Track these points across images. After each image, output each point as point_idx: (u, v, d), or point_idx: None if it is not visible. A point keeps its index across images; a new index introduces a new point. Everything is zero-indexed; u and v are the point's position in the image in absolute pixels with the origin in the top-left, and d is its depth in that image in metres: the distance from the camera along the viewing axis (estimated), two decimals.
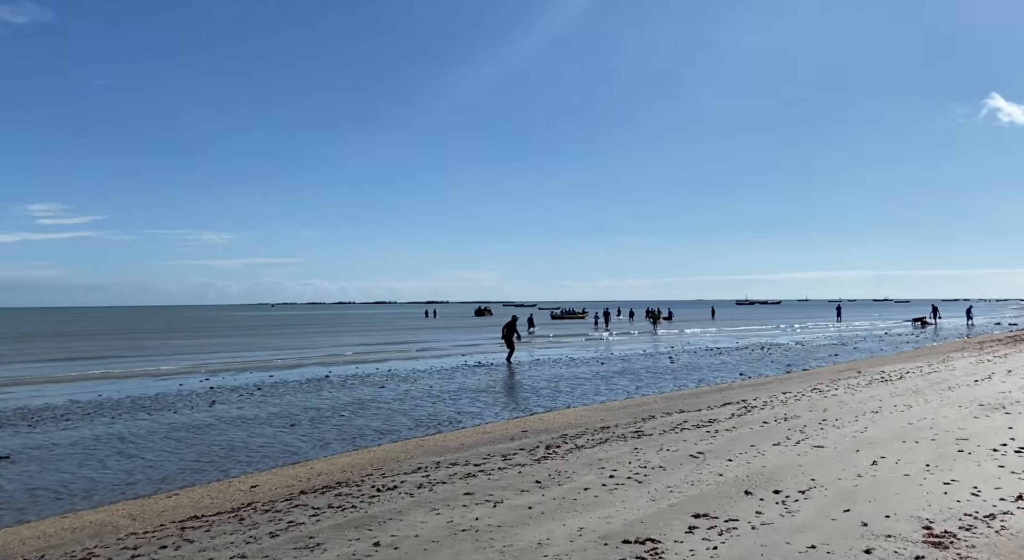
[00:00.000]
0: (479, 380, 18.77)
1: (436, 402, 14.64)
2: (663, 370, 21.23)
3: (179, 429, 11.76)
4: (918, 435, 8.58)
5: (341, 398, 15.52)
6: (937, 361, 20.54)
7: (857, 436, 8.72)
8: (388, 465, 8.26)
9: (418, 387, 17.29)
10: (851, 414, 10.60)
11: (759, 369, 21.24)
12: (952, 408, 10.78)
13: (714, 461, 7.60)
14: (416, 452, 9.10)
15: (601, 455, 8.19)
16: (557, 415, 12.42)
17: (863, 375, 17.13)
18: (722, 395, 14.39)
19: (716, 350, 29.16)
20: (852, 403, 11.87)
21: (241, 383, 18.83)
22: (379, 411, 13.47)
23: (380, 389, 16.99)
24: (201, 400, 15.51)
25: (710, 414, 11.46)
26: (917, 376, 16.18)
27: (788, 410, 11.36)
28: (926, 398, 12.06)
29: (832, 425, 9.64)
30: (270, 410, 13.87)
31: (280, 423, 12.20)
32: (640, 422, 10.95)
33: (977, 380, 14.55)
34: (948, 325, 51.83)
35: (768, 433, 9.22)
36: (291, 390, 17.16)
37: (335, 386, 17.85)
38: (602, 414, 12.21)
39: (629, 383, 17.91)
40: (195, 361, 26.43)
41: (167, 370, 23.06)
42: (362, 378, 19.59)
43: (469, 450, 9.04)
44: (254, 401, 15.24)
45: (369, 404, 14.46)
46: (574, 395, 15.63)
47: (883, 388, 13.98)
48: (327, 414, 13.19)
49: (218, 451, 9.92)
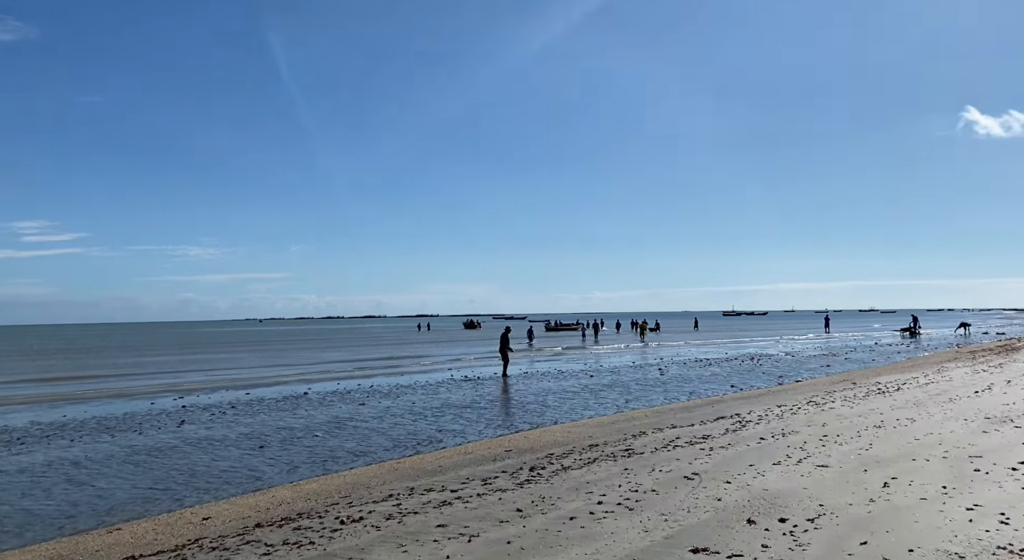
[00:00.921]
0: (464, 395, 18.10)
1: (417, 420, 13.96)
2: (653, 382, 20.65)
3: (140, 452, 11.01)
4: (928, 452, 8.03)
5: (317, 417, 14.80)
6: (932, 371, 20.10)
7: (862, 454, 8.15)
8: (357, 492, 7.59)
9: (400, 404, 16.59)
10: (852, 429, 10.05)
11: (750, 381, 20.71)
12: (957, 422, 10.26)
13: (711, 483, 7.00)
14: (389, 476, 8.43)
15: (589, 477, 7.58)
16: (543, 432, 11.79)
17: (859, 386, 16.63)
18: (715, 409, 13.81)
19: (706, 361, 28.64)
20: (851, 417, 11.33)
21: (215, 401, 18.05)
22: (355, 430, 12.77)
23: (360, 407, 16.28)
24: (170, 420, 14.74)
25: (703, 429, 10.88)
26: (914, 387, 15.69)
27: (785, 425, 10.80)
28: (928, 411, 11.54)
29: (834, 441, 9.07)
30: (240, 430, 13.13)
31: (249, 445, 11.48)
32: (630, 439, 10.34)
33: (977, 391, 14.07)
34: (937, 334, 51.68)
35: (767, 450, 8.64)
36: (266, 408, 16.41)
37: (313, 404, 17.12)
38: (590, 430, 11.60)
39: (619, 396, 17.31)
40: (172, 379, 25.57)
41: (141, 388, 22.20)
42: (342, 395, 18.86)
43: (447, 473, 8.39)
44: (225, 421, 14.49)
45: (346, 423, 13.76)
46: (562, 410, 15.01)
47: (881, 400, 13.46)
48: (300, 434, 12.48)
49: (177, 477, 9.20)
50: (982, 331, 55.63)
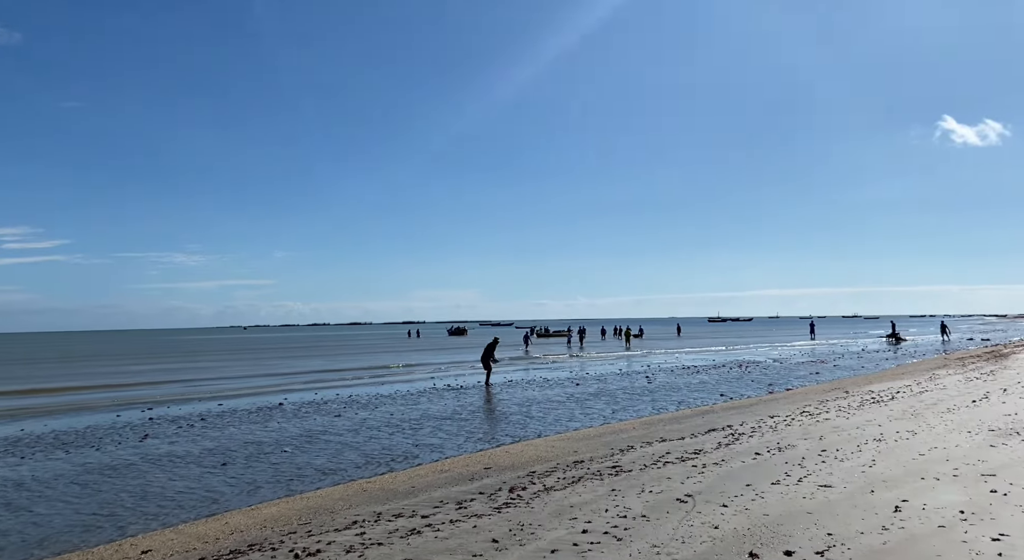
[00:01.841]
0: (445, 405, 17.42)
1: (394, 433, 13.27)
2: (640, 391, 20.08)
3: (92, 471, 10.25)
4: (936, 470, 7.49)
5: (289, 430, 14.07)
6: (924, 379, 19.69)
7: (866, 471, 7.60)
8: (319, 518, 6.91)
9: (377, 415, 15.89)
10: (852, 443, 9.51)
11: (740, 389, 20.20)
12: (961, 434, 9.75)
13: (706, 507, 6.41)
14: (357, 499, 7.76)
15: (573, 500, 6.96)
16: (526, 446, 11.15)
17: (851, 395, 16.15)
18: (705, 419, 13.25)
19: (694, 369, 28.13)
20: (849, 429, 10.80)
21: (185, 413, 17.24)
22: (327, 445, 12.06)
23: (335, 419, 15.56)
24: (133, 434, 13.95)
25: (694, 443, 10.30)
26: (909, 396, 15.23)
27: (780, 438, 10.25)
28: (928, 422, 11.04)
29: (834, 457, 8.52)
30: (206, 445, 12.38)
31: (211, 462, 10.74)
32: (618, 454, 9.74)
33: (975, 400, 13.61)
34: (923, 341, 51.61)
35: (763, 468, 8.07)
36: (237, 421, 15.65)
37: (287, 415, 16.37)
38: (575, 444, 10.98)
39: (605, 406, 16.71)
40: (142, 390, 24.66)
41: (109, 400, 21.31)
42: (318, 406, 18.11)
43: (419, 495, 7.74)
44: (192, 434, 13.73)
45: (318, 436, 13.04)
46: (546, 421, 14.38)
47: (877, 410, 12.96)
48: (268, 449, 11.75)
49: (126, 500, 8.46)
50: (967, 337, 55.67)
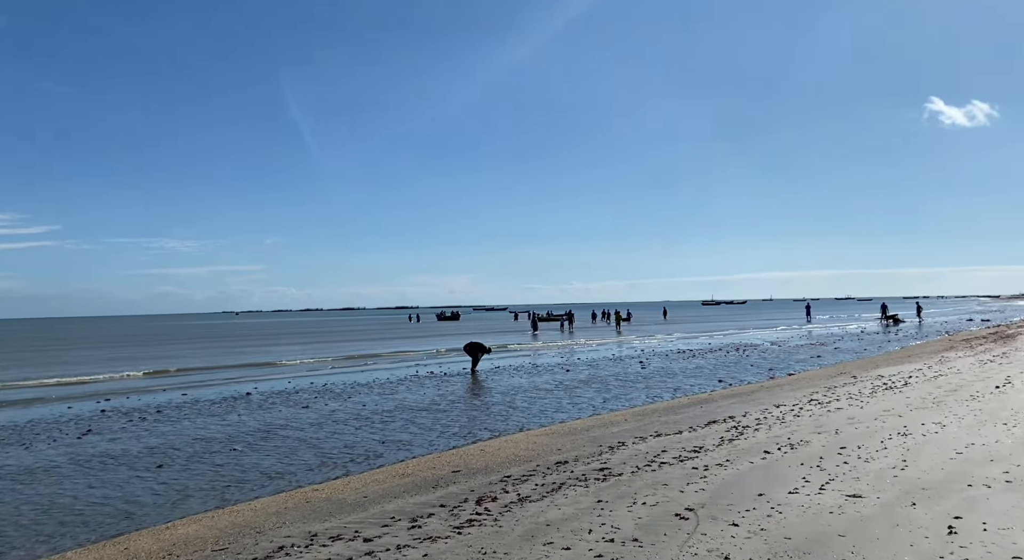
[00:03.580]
0: (424, 395, 16.21)
1: (361, 427, 12.04)
2: (633, 377, 18.92)
3: (4, 477, 8.96)
4: (983, 474, 6.30)
5: (248, 423, 12.83)
6: (934, 362, 18.59)
7: (899, 475, 6.41)
8: (241, 541, 5.68)
9: (348, 406, 14.65)
10: (873, 438, 8.32)
11: (739, 374, 19.06)
12: (996, 427, 8.58)
13: (711, 526, 5.20)
14: (295, 513, 6.52)
15: (551, 515, 5.75)
16: (505, 442, 9.94)
17: (860, 381, 15.01)
18: (704, 410, 12.08)
19: (689, 353, 27.01)
20: (866, 420, 9.63)
21: (143, 404, 15.98)
22: (284, 442, 10.83)
23: (302, 410, 14.32)
24: (75, 429, 12.68)
25: (693, 439, 9.11)
26: (923, 381, 14.09)
27: (790, 432, 9.06)
28: (954, 412, 9.87)
29: (857, 456, 7.33)
30: (149, 442, 11.13)
31: (147, 463, 9.48)
32: (606, 452, 8.54)
33: (998, 386, 12.47)
34: (913, 322, 50.71)
35: (776, 471, 6.88)
36: (195, 413, 14.39)
37: (251, 406, 15.12)
38: (560, 441, 9.77)
39: (595, 394, 15.53)
40: (107, 383, 23.35)
41: (66, 390, 20.03)
42: (288, 396, 16.86)
43: (370, 508, 6.50)
44: (140, 429, 12.48)
45: (277, 432, 11.81)
46: (531, 412, 13.18)
47: (892, 398, 11.81)
48: (216, 447, 10.51)
49: (26, 513, 7.19)
50: (966, 318, 54.84)
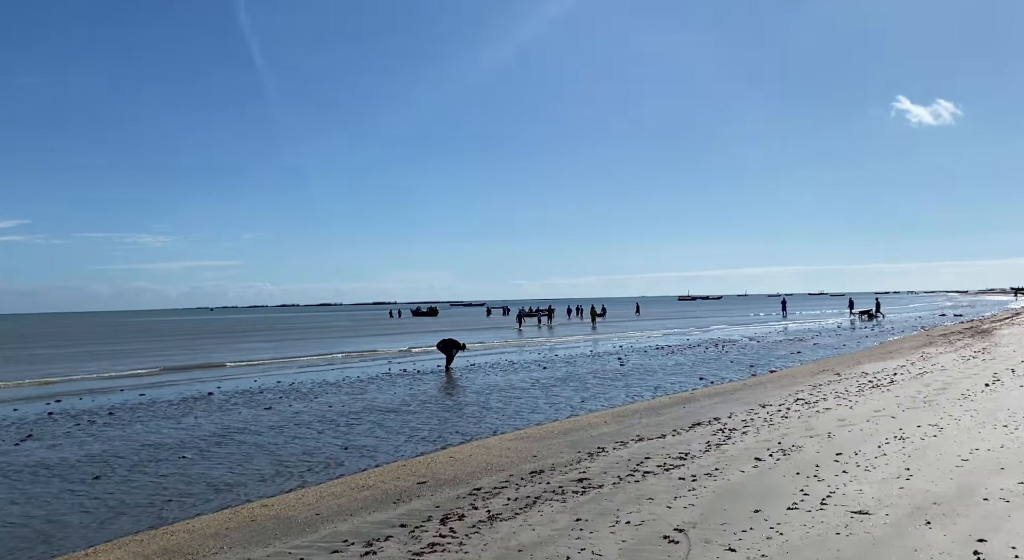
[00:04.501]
0: (395, 394, 15.48)
1: (324, 431, 11.29)
2: (612, 374, 18.37)
3: None
4: (997, 485, 5.77)
5: (204, 427, 12.01)
6: (916, 358, 18.29)
7: (905, 487, 5.86)
8: None
9: (313, 407, 13.89)
10: (869, 442, 7.81)
11: (720, 371, 18.61)
12: (996, 429, 8.11)
13: (706, 552, 4.60)
14: (237, 535, 5.80)
15: (523, 537, 5.10)
16: (476, 448, 9.28)
17: (844, 378, 14.59)
18: (687, 410, 11.53)
19: (668, 349, 26.57)
20: (858, 422, 9.13)
21: (95, 406, 15.05)
22: (239, 448, 10.05)
23: (264, 412, 13.53)
24: (15, 434, 11.77)
25: (678, 443, 8.53)
26: (909, 378, 13.70)
27: (781, 436, 8.52)
28: (949, 413, 9.41)
29: (856, 464, 6.79)
30: (92, 449, 10.28)
31: (84, 474, 8.66)
32: (585, 460, 7.93)
33: (987, 384, 12.09)
34: (899, 318, 51.01)
35: (770, 481, 6.30)
36: (150, 415, 13.53)
37: (211, 408, 14.28)
38: (535, 446, 9.14)
39: (573, 393, 14.93)
40: (62, 385, 22.26)
41: (19, 391, 18.97)
42: (251, 396, 16.03)
43: (322, 528, 5.81)
44: (85, 434, 11.60)
45: (234, 436, 11.02)
46: (505, 414, 12.54)
47: (881, 397, 11.36)
48: (164, 455, 9.70)
49: None
50: (939, 314, 55.31)
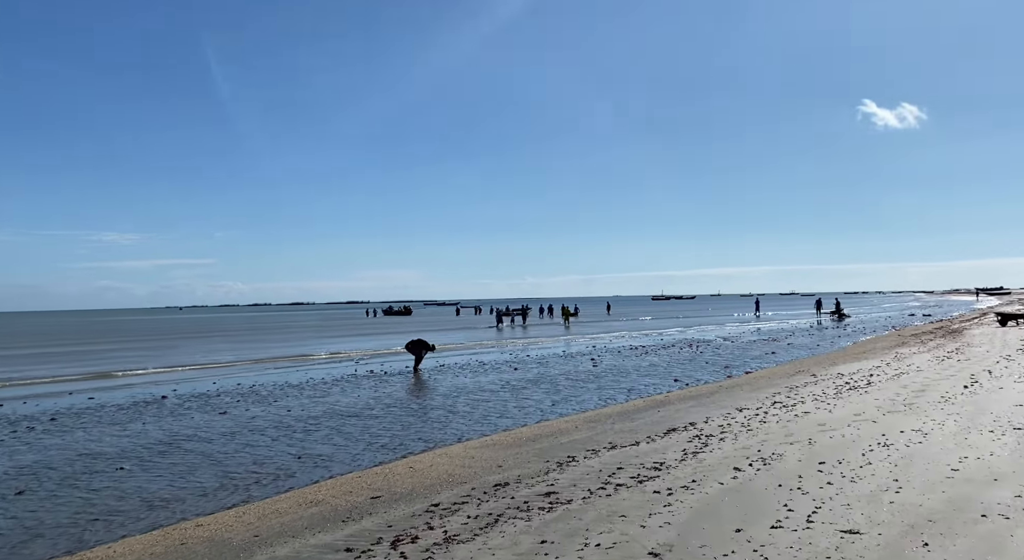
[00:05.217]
0: (358, 397, 14.83)
1: (280, 438, 10.63)
2: (585, 376, 17.91)
3: None
4: (993, 499, 5.36)
5: (151, 433, 11.27)
6: (890, 358, 18.11)
7: (896, 502, 5.43)
8: None
9: (271, 412, 13.19)
10: (852, 450, 7.40)
11: (695, 372, 18.25)
12: (983, 435, 7.77)
13: None
14: None
15: None
16: (438, 457, 8.71)
17: (820, 379, 14.29)
18: (661, 414, 11.08)
19: (642, 349, 26.23)
20: (839, 427, 8.74)
21: (39, 410, 14.18)
22: (184, 457, 9.35)
23: (217, 416, 12.80)
24: None
25: (653, 451, 8.06)
26: (886, 380, 13.42)
27: (760, 442, 8.09)
28: (931, 417, 9.07)
29: (840, 474, 6.36)
30: (24, 459, 9.51)
31: (5, 489, 7.87)
32: (554, 470, 7.40)
33: (966, 386, 11.82)
34: (869, 318, 51.45)
35: (751, 496, 5.84)
36: (96, 420, 12.73)
37: (163, 412, 13.51)
38: (501, 454, 8.60)
39: (544, 396, 14.42)
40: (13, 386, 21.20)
41: None
42: (208, 399, 15.26)
43: (257, 553, 5.19)
44: (20, 442, 10.80)
45: (181, 444, 10.31)
46: (472, 418, 11.98)
47: (860, 400, 11.02)
48: (101, 466, 8.98)
49: None
50: (908, 313, 55.96)
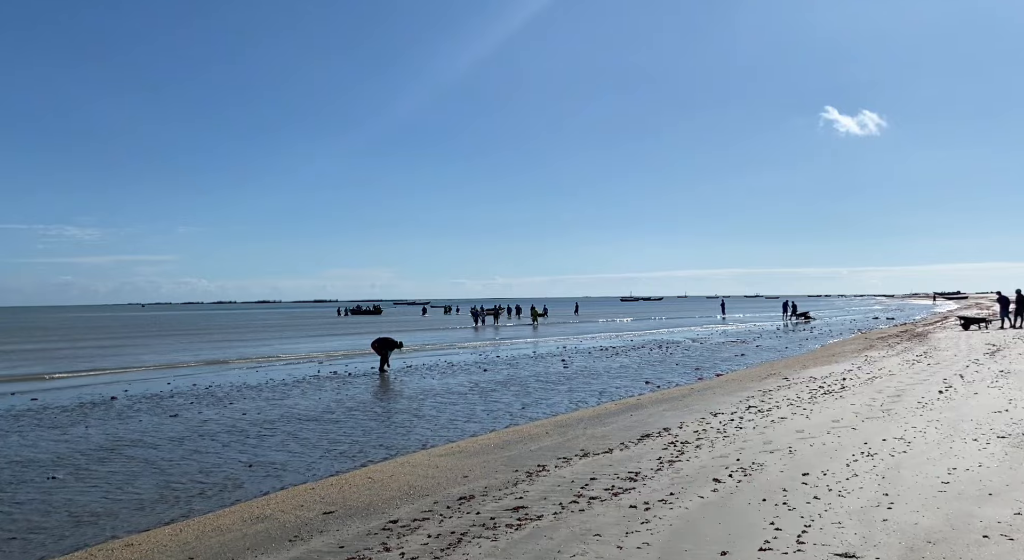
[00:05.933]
0: (319, 400, 14.19)
1: (231, 443, 9.98)
2: (555, 378, 17.50)
3: None
4: (992, 516, 5.04)
5: (92, 438, 10.52)
6: (860, 362, 18.05)
7: (889, 519, 5.07)
8: None
9: (225, 415, 12.49)
10: (835, 459, 7.07)
11: (666, 374, 17.96)
12: (967, 444, 7.51)
13: None
14: None
15: None
16: (400, 466, 8.18)
17: (793, 383, 14.07)
18: (634, 419, 10.69)
19: (612, 350, 25.94)
20: (818, 434, 8.43)
21: None
22: (125, 465, 8.67)
23: (168, 419, 12.07)
24: None
25: (627, 459, 7.64)
26: (859, 384, 13.25)
27: (738, 451, 7.73)
28: (911, 424, 8.82)
29: (827, 487, 6.00)
30: None
31: None
32: (523, 481, 6.94)
33: (940, 391, 11.66)
34: (835, 321, 52.05)
35: (734, 512, 5.44)
36: (35, 424, 11.91)
37: (109, 415, 12.72)
38: (468, 462, 8.10)
39: (514, 399, 13.96)
40: None
41: None
42: (159, 400, 14.48)
43: None
44: None
45: (124, 450, 9.60)
46: (438, 423, 11.45)
47: (836, 404, 10.77)
48: (31, 475, 8.25)
49: None
50: (872, 317, 56.82)
